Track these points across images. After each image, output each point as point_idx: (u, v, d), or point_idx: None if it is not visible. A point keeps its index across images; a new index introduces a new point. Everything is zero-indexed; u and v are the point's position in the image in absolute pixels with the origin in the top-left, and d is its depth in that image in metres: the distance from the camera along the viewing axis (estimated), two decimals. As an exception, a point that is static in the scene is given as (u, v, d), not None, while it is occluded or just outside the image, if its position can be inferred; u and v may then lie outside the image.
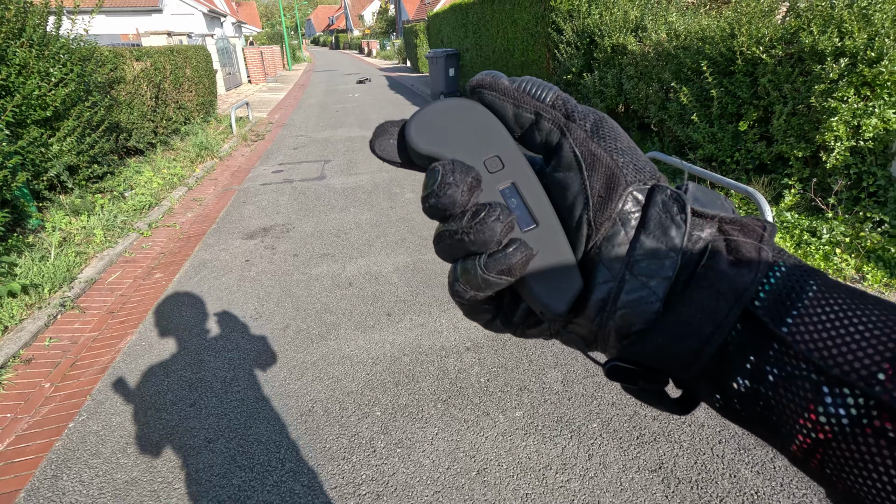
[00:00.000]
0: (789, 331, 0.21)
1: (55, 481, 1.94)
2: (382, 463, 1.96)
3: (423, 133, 0.26)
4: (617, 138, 0.26)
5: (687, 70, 4.60)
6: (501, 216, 0.23)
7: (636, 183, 0.25)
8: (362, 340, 2.75)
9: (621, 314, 0.24)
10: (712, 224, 0.24)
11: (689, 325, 0.22)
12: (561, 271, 0.25)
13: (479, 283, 0.24)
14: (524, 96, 0.26)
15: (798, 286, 0.22)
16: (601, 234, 0.24)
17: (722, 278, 0.22)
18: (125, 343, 2.83)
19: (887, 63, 3.23)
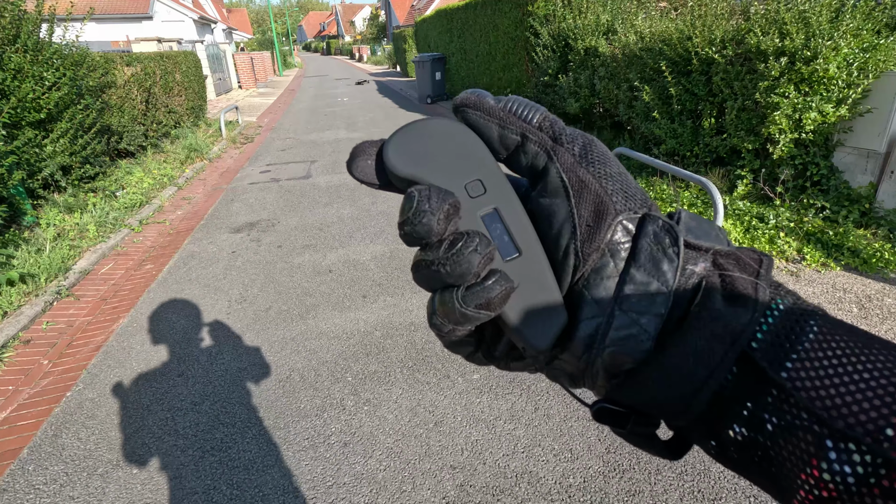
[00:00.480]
0: (789, 377, 0.20)
1: (55, 439, 2.15)
2: (351, 418, 2.19)
3: (403, 154, 0.25)
4: (606, 163, 0.25)
5: (650, 70, 4.89)
6: (479, 247, 0.22)
7: (626, 212, 0.24)
8: (338, 319, 2.98)
9: (610, 352, 0.23)
10: (706, 257, 0.24)
11: (681, 370, 0.21)
12: (544, 305, 0.24)
13: (457, 318, 0.22)
14: (510, 117, 0.25)
15: (798, 327, 0.21)
16: (589, 265, 0.23)
17: (717, 319, 0.21)
18: (118, 325, 3.04)
19: (821, 61, 3.52)
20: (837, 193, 3.86)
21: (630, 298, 0.22)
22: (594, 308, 0.23)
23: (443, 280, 0.22)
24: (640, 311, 0.22)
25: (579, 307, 0.24)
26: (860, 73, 3.55)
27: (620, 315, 0.22)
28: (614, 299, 0.23)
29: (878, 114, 3.59)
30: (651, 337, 0.22)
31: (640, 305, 0.22)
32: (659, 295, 0.22)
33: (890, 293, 3.01)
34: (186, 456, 2.02)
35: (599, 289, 0.23)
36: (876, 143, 3.62)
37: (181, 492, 1.86)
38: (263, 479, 1.90)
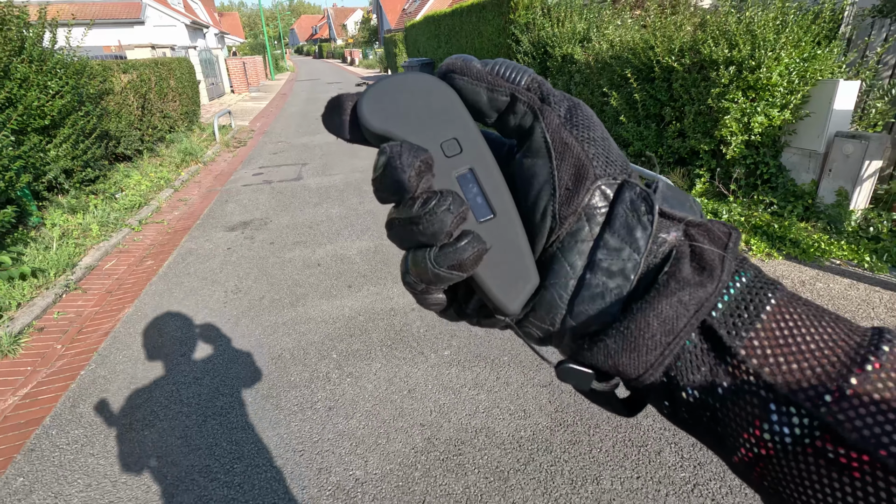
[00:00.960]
0: (743, 345, 0.21)
1: (73, 409, 2.44)
2: (335, 388, 2.49)
3: (378, 110, 0.24)
4: (590, 127, 0.25)
5: (617, 77, 5.24)
6: (453, 206, 0.22)
7: (605, 177, 0.24)
8: (326, 306, 3.28)
9: (578, 314, 0.23)
10: (678, 227, 0.24)
11: (645, 334, 0.22)
12: (516, 267, 0.24)
13: (430, 277, 0.23)
14: (498, 79, 0.25)
15: (757, 299, 0.22)
16: (565, 228, 0.24)
17: (684, 286, 0.22)
18: (123, 314, 3.32)
19: (765, 70, 3.88)
20: (784, 190, 4.22)
21: (601, 263, 0.23)
22: (567, 270, 0.23)
23: (415, 239, 0.22)
24: (610, 275, 0.23)
25: (552, 269, 0.24)
26: (800, 81, 3.91)
27: (591, 278, 0.23)
28: (586, 263, 0.23)
29: (816, 117, 3.95)
30: (619, 301, 0.23)
31: (611, 270, 0.23)
32: (630, 261, 0.23)
33: (821, 279, 3.36)
34: (191, 420, 2.32)
35: (573, 252, 0.23)
36: (816, 144, 3.98)
37: (187, 448, 2.15)
38: (259, 437, 2.20)
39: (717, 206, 4.29)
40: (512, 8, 7.96)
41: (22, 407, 2.50)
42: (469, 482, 1.93)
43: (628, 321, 0.22)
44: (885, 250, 3.49)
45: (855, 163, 3.73)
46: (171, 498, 1.92)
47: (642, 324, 0.22)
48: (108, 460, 2.11)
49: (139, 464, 2.08)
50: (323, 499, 1.89)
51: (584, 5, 7.21)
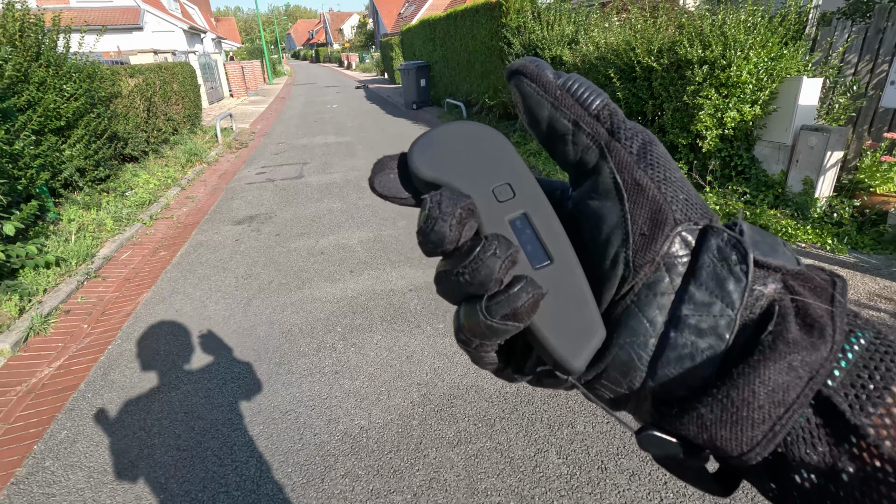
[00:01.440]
0: (872, 423, 0.18)
1: (105, 376, 2.71)
2: (340, 356, 2.77)
3: (427, 158, 0.24)
4: (668, 167, 0.23)
5: (602, 77, 5.54)
6: (499, 250, 0.20)
7: (687, 222, 0.22)
8: (330, 288, 3.56)
9: (662, 377, 0.21)
10: (776, 278, 0.21)
11: (751, 405, 0.19)
12: (579, 319, 0.22)
13: (483, 330, 0.21)
14: (566, 97, 0.23)
15: (884, 366, 0.19)
16: (640, 278, 0.21)
17: (794, 350, 0.19)
18: (142, 298, 3.59)
19: (735, 69, 4.18)
20: (757, 180, 4.52)
21: (688, 319, 0.20)
22: (645, 327, 0.21)
23: (464, 290, 0.21)
24: (699, 333, 0.20)
25: (627, 326, 0.21)
26: (768, 78, 4.22)
27: (677, 336, 0.20)
28: (669, 319, 0.21)
29: (784, 112, 4.25)
30: (713, 364, 0.20)
31: (701, 328, 0.20)
32: (723, 317, 0.20)
33: (786, 259, 3.66)
34: (212, 384, 2.59)
35: (652, 306, 0.21)
36: (784, 137, 4.29)
37: (210, 405, 2.43)
38: (274, 396, 2.48)
39: (695, 196, 4.58)
40: (504, 12, 8.27)
41: (57, 376, 2.77)
42: (460, 428, 2.21)
43: (728, 388, 0.19)
44: (846, 234, 3.80)
45: (818, 154, 4.03)
46: (200, 444, 2.19)
47: (746, 392, 0.19)
48: (141, 416, 2.38)
49: (169, 418, 2.35)
50: (333, 442, 2.16)
51: (573, 9, 7.53)
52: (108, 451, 2.19)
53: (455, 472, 1.98)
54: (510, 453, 2.06)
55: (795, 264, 0.22)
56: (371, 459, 2.07)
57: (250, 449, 2.15)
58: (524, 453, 2.06)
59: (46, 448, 2.23)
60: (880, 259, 3.49)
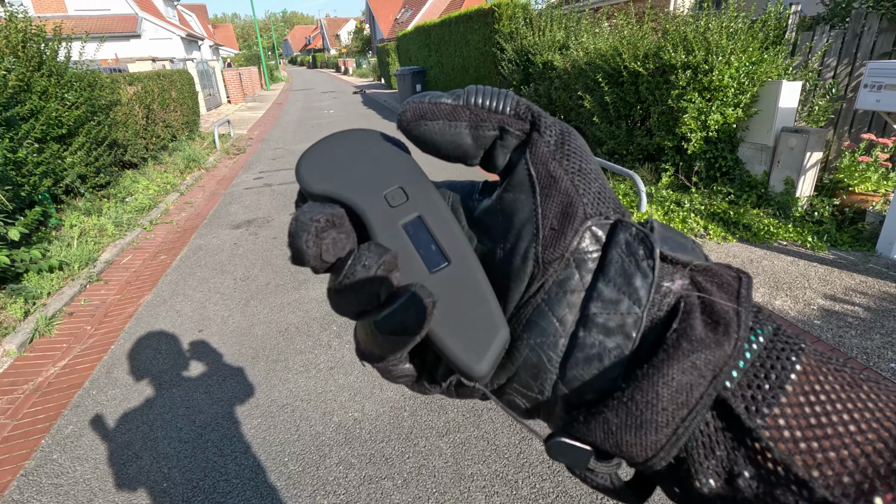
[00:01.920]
0: (766, 425, 0.17)
1: (109, 374, 2.81)
2: (335, 353, 2.88)
3: (315, 171, 0.23)
4: (583, 158, 0.22)
5: (591, 82, 5.68)
6: (368, 260, 0.19)
7: (597, 216, 0.21)
8: (325, 289, 3.66)
9: (571, 379, 0.20)
10: (684, 273, 0.21)
11: (655, 408, 0.18)
12: (479, 320, 0.21)
13: (377, 346, 0.20)
14: (481, 112, 0.23)
15: (779, 364, 0.19)
16: (550, 275, 0.21)
17: (698, 348, 0.18)
18: (143, 300, 3.70)
19: (717, 74, 4.32)
20: (741, 181, 4.65)
21: (596, 318, 0.20)
22: (555, 327, 0.20)
23: (349, 307, 0.20)
24: (607, 332, 0.20)
25: (537, 325, 0.21)
26: (749, 82, 4.36)
27: (585, 336, 0.20)
28: (578, 318, 0.20)
29: (765, 114, 4.39)
30: (621, 364, 0.20)
31: (608, 327, 0.20)
32: (630, 315, 0.20)
33: (767, 257, 3.78)
34: (212, 380, 2.70)
35: (562, 305, 0.20)
36: (766, 139, 4.42)
37: (210, 400, 2.53)
38: (271, 391, 2.58)
39: (681, 196, 4.71)
40: (496, 18, 8.43)
41: (62, 375, 2.87)
42: (449, 418, 2.32)
43: (632, 390, 0.19)
44: (826, 231, 3.92)
45: (798, 155, 4.16)
46: (201, 436, 2.29)
47: (650, 394, 0.18)
48: (144, 411, 2.49)
49: (171, 412, 2.46)
50: (328, 433, 2.27)
51: (564, 15, 7.68)
52: (113, 443, 2.29)
53: (444, 459, 2.09)
54: (496, 441, 2.17)
55: (703, 260, 0.22)
56: (364, 448, 2.18)
57: (249, 440, 2.26)
58: (509, 441, 2.17)
59: (54, 442, 2.34)
60: (857, 256, 3.61)
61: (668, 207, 4.59)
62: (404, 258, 0.22)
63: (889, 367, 2.44)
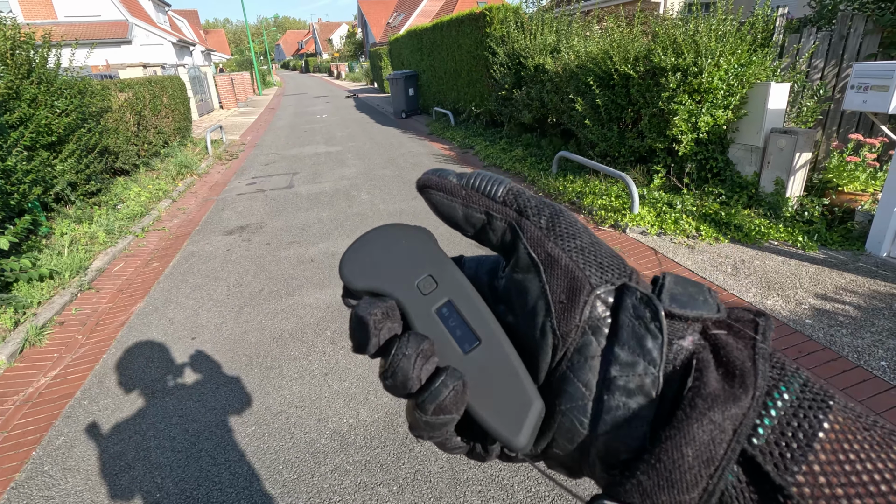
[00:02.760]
0: (796, 482, 0.18)
1: (101, 384, 2.79)
2: (329, 359, 2.87)
3: (356, 270, 0.26)
4: (576, 235, 0.24)
5: (582, 85, 5.71)
6: (409, 349, 0.22)
7: (603, 284, 0.23)
8: (319, 294, 3.66)
9: (604, 441, 0.21)
10: (695, 328, 0.22)
11: (681, 468, 0.19)
12: (514, 394, 0.22)
13: (422, 426, 0.22)
14: (473, 194, 0.25)
15: (807, 422, 0.19)
16: (569, 344, 0.22)
17: (714, 405, 0.19)
18: (135, 308, 3.67)
19: (706, 76, 4.36)
20: (731, 182, 4.69)
21: (617, 381, 0.21)
22: (581, 391, 0.22)
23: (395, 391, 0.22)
24: (629, 394, 0.21)
25: (565, 392, 0.22)
26: (738, 84, 4.40)
27: (609, 399, 0.21)
28: (601, 381, 0.21)
29: (754, 116, 4.43)
30: (646, 422, 0.21)
31: (629, 388, 0.21)
32: (647, 376, 0.21)
33: (759, 257, 3.81)
34: (206, 388, 2.68)
35: (584, 370, 0.22)
36: (756, 140, 4.46)
37: (204, 408, 2.51)
38: (265, 399, 2.57)
39: (672, 198, 4.74)
40: (488, 22, 8.46)
41: (53, 385, 2.84)
42: (444, 423, 2.31)
43: (659, 452, 0.19)
44: (816, 231, 3.96)
45: (788, 155, 4.21)
46: (194, 445, 2.27)
47: (675, 455, 0.19)
48: (137, 421, 2.46)
49: (164, 421, 2.44)
50: (323, 439, 2.26)
51: (555, 18, 7.73)
52: (106, 454, 2.27)
53: (439, 465, 2.09)
54: (491, 445, 2.17)
55: (715, 312, 0.22)
56: (359, 455, 2.17)
57: (243, 448, 2.24)
58: (505, 445, 2.16)
59: (45, 453, 2.31)
60: (847, 255, 3.65)
61: (661, 209, 4.61)
62: (440, 342, 0.24)
63: (879, 366, 2.46)
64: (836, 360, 2.54)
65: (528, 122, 7.54)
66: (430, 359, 0.22)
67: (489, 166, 7.29)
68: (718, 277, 3.51)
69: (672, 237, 4.25)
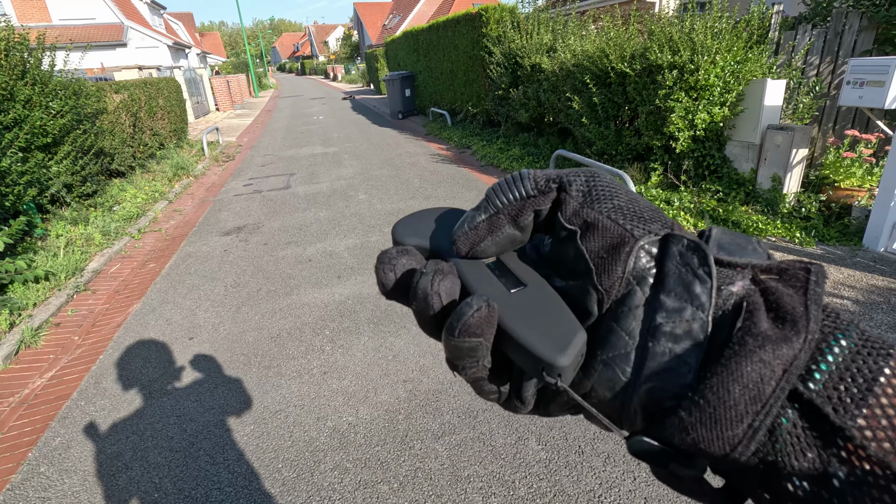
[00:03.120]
0: (857, 425, 0.17)
1: (97, 385, 2.76)
2: (328, 357, 2.85)
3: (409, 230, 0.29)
4: (613, 196, 0.24)
5: (579, 83, 5.72)
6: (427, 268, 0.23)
7: (647, 235, 0.23)
8: (317, 293, 3.64)
9: (647, 388, 0.21)
10: (745, 274, 0.22)
11: (727, 404, 0.19)
12: (557, 323, 0.23)
13: (452, 350, 0.22)
14: (512, 208, 0.25)
15: (866, 368, 0.19)
16: (612, 296, 0.22)
17: (764, 343, 0.19)
18: (132, 309, 3.65)
19: (703, 73, 4.36)
20: (729, 179, 4.69)
21: (662, 327, 0.21)
22: (624, 340, 0.22)
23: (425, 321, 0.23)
24: (675, 340, 0.21)
25: (608, 342, 0.22)
26: (734, 81, 4.41)
27: (654, 345, 0.21)
28: (647, 329, 0.21)
29: (751, 113, 4.44)
30: (692, 368, 0.20)
31: (676, 334, 0.21)
32: (696, 321, 0.21)
33: (757, 253, 3.81)
34: (203, 388, 2.66)
35: (629, 319, 0.22)
36: (752, 137, 4.47)
37: (202, 408, 2.49)
38: (264, 398, 2.55)
39: (670, 195, 4.75)
40: (484, 22, 8.47)
41: (49, 387, 2.81)
42: (444, 420, 2.30)
43: (704, 389, 0.19)
44: (813, 227, 3.97)
45: (784, 152, 4.21)
46: (192, 445, 2.25)
47: (721, 391, 0.19)
48: (134, 421, 2.44)
49: (162, 422, 2.41)
50: (322, 438, 2.24)
51: (551, 18, 7.74)
52: (103, 455, 2.24)
53: (440, 462, 2.07)
54: (492, 442, 2.16)
55: (765, 259, 0.22)
56: (359, 453, 2.15)
57: (242, 448, 2.22)
58: (505, 441, 2.15)
59: (41, 455, 2.28)
60: (845, 250, 3.66)
61: (658, 206, 4.61)
62: (486, 283, 0.25)
63: (879, 359, 2.46)
64: (835, 354, 2.54)
65: (524, 121, 7.54)
66: (447, 276, 0.23)
67: (486, 166, 7.29)
68: (717, 273, 3.51)
69: (670, 234, 4.25)
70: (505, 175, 0.94)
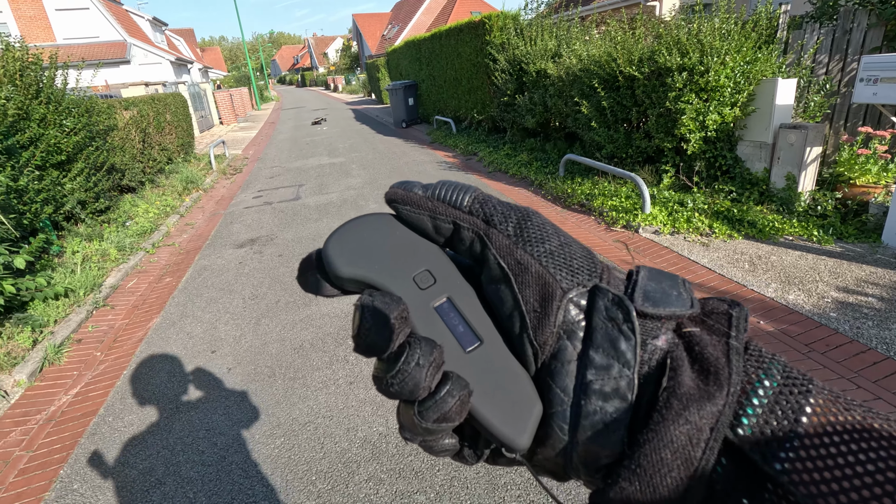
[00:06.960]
0: (784, 469, 0.18)
1: (123, 400, 2.76)
2: (353, 368, 2.85)
3: (344, 255, 0.24)
4: (545, 238, 0.24)
5: (586, 87, 5.74)
6: (422, 359, 0.21)
7: (575, 287, 0.22)
8: (337, 304, 3.64)
9: (583, 447, 0.21)
10: (668, 326, 0.22)
11: (661, 472, 0.19)
12: (516, 394, 0.22)
13: (420, 431, 0.22)
14: (439, 205, 0.25)
15: (790, 409, 0.19)
16: (547, 351, 0.22)
17: (688, 404, 0.19)
18: (152, 324, 3.65)
19: (712, 74, 4.38)
20: (742, 179, 4.69)
21: (593, 385, 0.21)
22: (560, 397, 0.22)
23: (397, 397, 0.21)
24: (605, 398, 0.21)
25: (545, 398, 0.22)
26: (744, 81, 4.42)
27: (586, 404, 0.21)
28: (578, 386, 0.21)
29: (763, 112, 4.44)
30: (622, 425, 0.20)
31: (605, 392, 0.21)
32: (622, 378, 0.21)
33: (775, 253, 3.80)
34: (230, 401, 2.65)
35: (562, 376, 0.22)
36: (765, 136, 4.47)
37: (230, 422, 2.49)
38: (291, 410, 2.54)
39: (683, 196, 4.74)
40: (487, 30, 8.53)
41: (75, 403, 2.82)
42: (475, 428, 2.29)
43: (639, 457, 0.19)
44: (831, 225, 3.95)
45: (798, 150, 4.21)
46: (224, 459, 2.25)
47: (654, 459, 0.19)
48: (163, 436, 2.44)
49: (191, 436, 2.41)
50: (354, 449, 2.24)
51: (554, 24, 7.79)
52: (134, 470, 2.24)
53: (475, 470, 2.06)
54: (525, 449, 2.14)
55: (689, 307, 0.22)
56: (392, 463, 2.14)
57: (274, 460, 2.22)
58: (539, 448, 2.14)
59: (73, 472, 2.28)
60: (864, 247, 3.64)
61: (672, 208, 4.61)
62: (441, 341, 0.23)
63: (911, 356, 2.44)
64: (865, 353, 2.52)
65: (531, 126, 7.56)
66: (440, 368, 0.22)
67: (494, 172, 7.30)
68: (737, 274, 3.50)
69: (685, 235, 4.25)
70: (513, 180, 0.86)
